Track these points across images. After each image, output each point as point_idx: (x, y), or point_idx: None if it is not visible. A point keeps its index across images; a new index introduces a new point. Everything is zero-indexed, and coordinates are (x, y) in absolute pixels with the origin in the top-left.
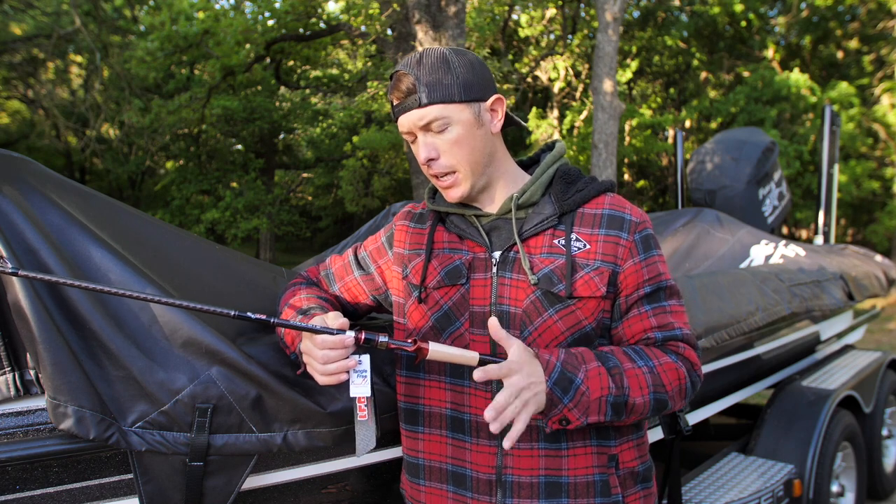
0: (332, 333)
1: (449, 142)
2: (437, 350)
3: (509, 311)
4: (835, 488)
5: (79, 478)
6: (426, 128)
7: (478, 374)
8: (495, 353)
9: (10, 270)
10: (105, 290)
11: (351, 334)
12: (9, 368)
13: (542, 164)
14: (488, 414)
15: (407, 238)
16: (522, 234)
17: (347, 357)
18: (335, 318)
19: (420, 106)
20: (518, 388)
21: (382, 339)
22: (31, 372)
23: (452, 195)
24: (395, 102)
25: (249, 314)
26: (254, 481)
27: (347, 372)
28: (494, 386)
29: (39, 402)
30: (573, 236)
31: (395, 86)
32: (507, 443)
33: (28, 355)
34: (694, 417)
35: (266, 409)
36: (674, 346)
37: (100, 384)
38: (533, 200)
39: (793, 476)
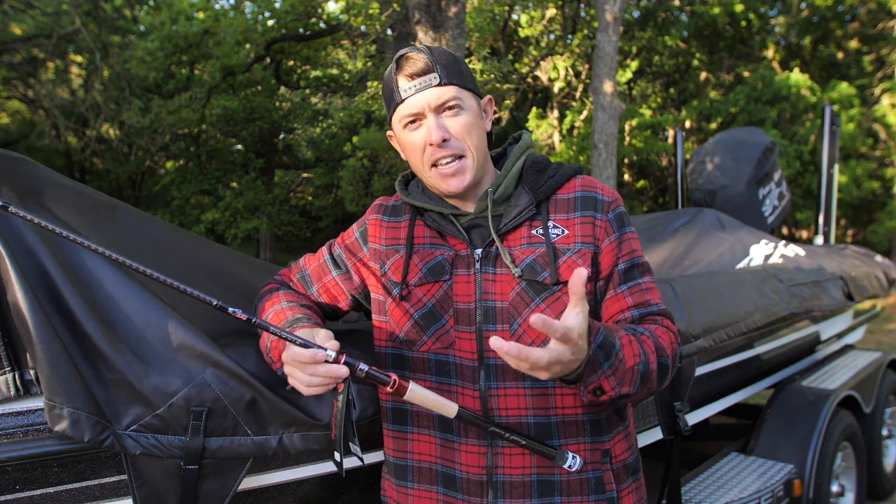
0: (307, 346)
1: (461, 125)
2: (416, 392)
3: (496, 307)
4: (835, 488)
5: (78, 478)
6: (440, 108)
7: (535, 319)
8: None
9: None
10: (101, 252)
11: (324, 352)
12: (9, 368)
13: (511, 156)
14: (509, 348)
15: (382, 233)
16: (501, 228)
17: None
18: (325, 338)
19: (439, 84)
20: (560, 360)
21: (362, 366)
22: (31, 372)
23: (455, 184)
24: (406, 82)
25: (230, 308)
26: (250, 482)
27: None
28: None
29: (39, 402)
30: (550, 224)
31: (405, 65)
32: (493, 341)
33: (28, 355)
34: (694, 417)
35: (261, 411)
36: (652, 319)
37: (95, 387)
38: (507, 194)
39: (793, 476)
